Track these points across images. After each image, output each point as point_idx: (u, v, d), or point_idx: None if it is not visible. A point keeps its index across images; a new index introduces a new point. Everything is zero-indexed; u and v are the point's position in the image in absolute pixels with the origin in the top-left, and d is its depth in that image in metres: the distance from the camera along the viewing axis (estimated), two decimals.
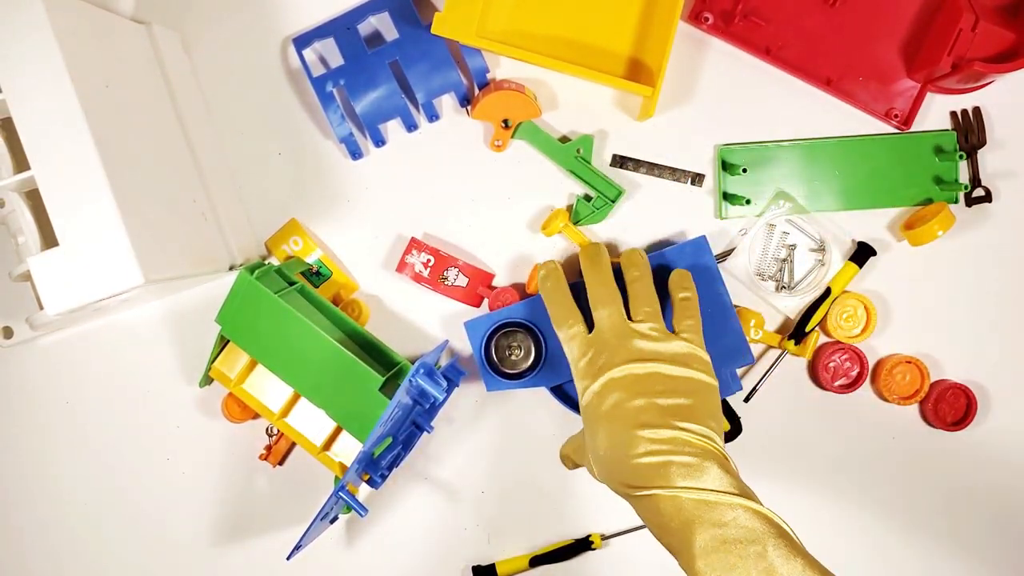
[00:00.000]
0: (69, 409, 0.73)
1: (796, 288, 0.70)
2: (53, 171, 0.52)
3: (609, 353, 0.54)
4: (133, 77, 0.61)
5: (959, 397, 0.69)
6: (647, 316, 0.56)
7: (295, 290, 0.67)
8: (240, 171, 0.72)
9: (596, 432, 0.52)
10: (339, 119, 0.68)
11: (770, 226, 0.70)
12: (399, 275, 0.70)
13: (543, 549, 0.72)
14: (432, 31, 0.62)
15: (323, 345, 0.62)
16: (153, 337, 0.73)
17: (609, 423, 0.52)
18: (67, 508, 0.74)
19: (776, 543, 0.44)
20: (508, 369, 0.66)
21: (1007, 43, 0.64)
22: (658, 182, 0.70)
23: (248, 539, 0.73)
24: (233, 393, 0.68)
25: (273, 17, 0.71)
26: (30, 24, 0.51)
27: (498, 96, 0.67)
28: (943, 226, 0.66)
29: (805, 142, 0.70)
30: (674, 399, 0.51)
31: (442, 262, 0.70)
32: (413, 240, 0.70)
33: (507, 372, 0.66)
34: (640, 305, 0.57)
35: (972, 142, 0.69)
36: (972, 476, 0.71)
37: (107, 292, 0.52)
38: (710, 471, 0.47)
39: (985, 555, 0.71)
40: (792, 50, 0.69)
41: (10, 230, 0.59)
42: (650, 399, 0.51)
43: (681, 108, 0.70)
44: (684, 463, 0.48)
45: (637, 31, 0.66)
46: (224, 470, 0.73)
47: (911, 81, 0.69)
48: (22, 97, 0.52)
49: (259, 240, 0.72)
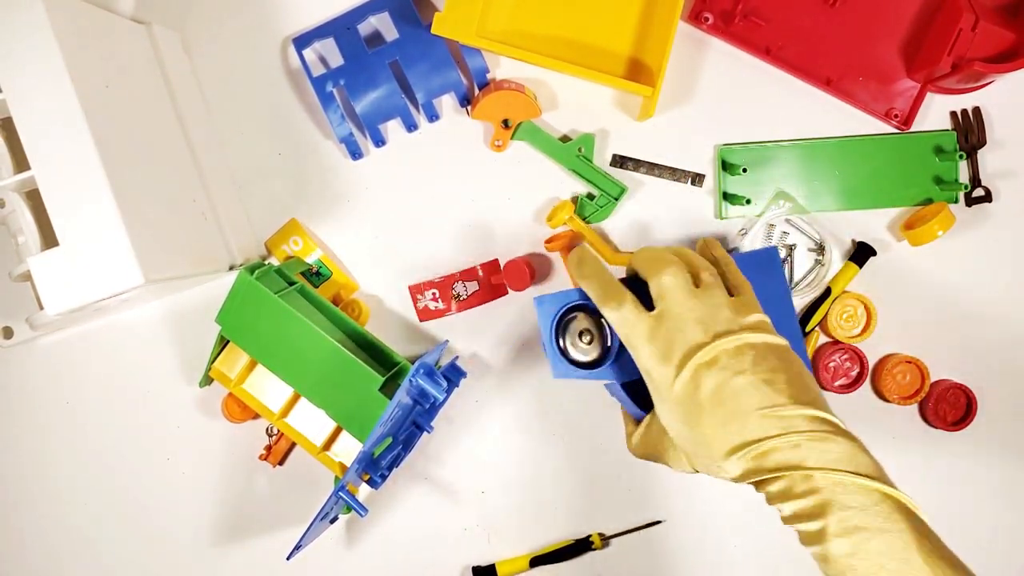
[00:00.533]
0: (69, 409, 0.73)
1: (796, 288, 0.70)
2: (53, 171, 0.52)
3: (686, 330, 0.46)
4: (133, 77, 0.61)
5: (959, 397, 0.69)
6: (710, 282, 0.48)
7: (295, 290, 0.67)
8: (240, 171, 0.72)
9: (699, 421, 0.46)
10: (339, 119, 0.68)
11: (770, 226, 0.70)
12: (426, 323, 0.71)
13: (543, 549, 0.71)
14: (432, 31, 0.62)
15: (323, 345, 0.62)
16: (153, 337, 0.73)
17: (715, 409, 0.45)
18: (67, 508, 0.74)
19: (915, 534, 0.41)
20: (579, 356, 0.54)
21: (1007, 43, 0.64)
22: (658, 182, 0.70)
23: (248, 539, 0.73)
24: (233, 393, 0.68)
25: (273, 17, 0.71)
26: (30, 24, 0.51)
27: (498, 96, 0.67)
28: (943, 226, 0.66)
29: (805, 142, 0.70)
30: (774, 373, 0.45)
31: (445, 285, 0.70)
32: (410, 288, 0.71)
33: (577, 360, 0.55)
34: (700, 270, 0.49)
35: (972, 142, 0.69)
36: (972, 476, 0.71)
37: (107, 292, 0.52)
38: (845, 449, 0.43)
39: (985, 555, 0.71)
40: (792, 50, 0.69)
41: (10, 230, 0.59)
42: (751, 376, 0.45)
43: (681, 108, 0.70)
44: (818, 439, 0.43)
45: (637, 31, 0.66)
46: (224, 470, 0.73)
47: (911, 81, 0.69)
48: (22, 97, 0.52)
49: (259, 240, 0.72)
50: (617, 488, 0.71)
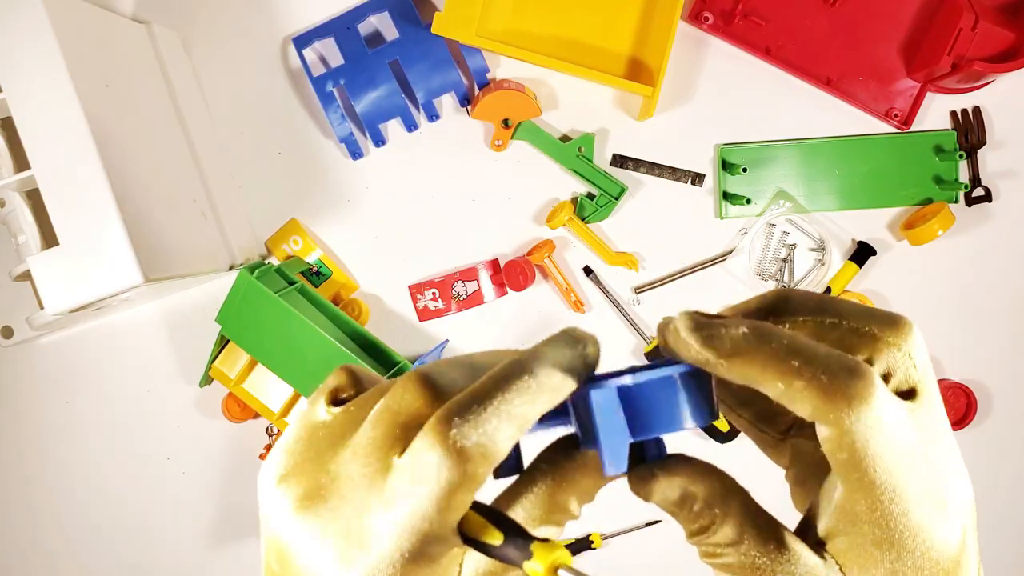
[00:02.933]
0: (69, 409, 0.73)
1: (796, 287, 0.70)
2: (53, 171, 0.52)
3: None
4: (133, 77, 0.61)
5: (959, 397, 0.69)
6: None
7: (295, 290, 0.67)
8: (240, 171, 0.72)
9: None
10: (339, 119, 0.68)
11: (770, 226, 0.70)
12: (425, 322, 0.71)
13: None
14: (432, 31, 0.62)
15: (323, 344, 0.62)
16: (153, 337, 0.72)
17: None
18: (67, 507, 0.74)
19: None
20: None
21: (1007, 43, 0.64)
22: (658, 182, 0.70)
23: (248, 539, 0.73)
24: (233, 393, 0.68)
25: (273, 17, 0.71)
26: (30, 24, 0.51)
27: (498, 96, 0.67)
28: (943, 226, 0.66)
29: (805, 142, 0.70)
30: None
31: (445, 285, 0.70)
32: (410, 288, 0.71)
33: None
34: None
35: (972, 142, 0.69)
36: (972, 476, 0.71)
37: (107, 292, 0.52)
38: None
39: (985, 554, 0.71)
40: (792, 50, 0.69)
41: (10, 230, 0.59)
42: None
43: (681, 108, 0.70)
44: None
45: (637, 31, 0.66)
46: (224, 470, 0.73)
47: (911, 81, 0.69)
48: (22, 97, 0.52)
49: (259, 240, 0.72)
50: (617, 488, 0.71)
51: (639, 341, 0.71)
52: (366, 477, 0.21)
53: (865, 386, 0.21)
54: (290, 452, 0.23)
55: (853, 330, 0.23)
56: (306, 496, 0.22)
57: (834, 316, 0.24)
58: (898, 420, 0.22)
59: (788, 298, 0.24)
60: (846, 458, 0.21)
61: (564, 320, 0.71)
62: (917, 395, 0.23)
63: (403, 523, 0.20)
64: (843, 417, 0.21)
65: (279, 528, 0.22)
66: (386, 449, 0.21)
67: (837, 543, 0.23)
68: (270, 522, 0.22)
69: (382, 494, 0.21)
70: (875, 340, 0.23)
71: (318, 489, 0.22)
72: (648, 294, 0.71)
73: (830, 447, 0.22)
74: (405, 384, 0.22)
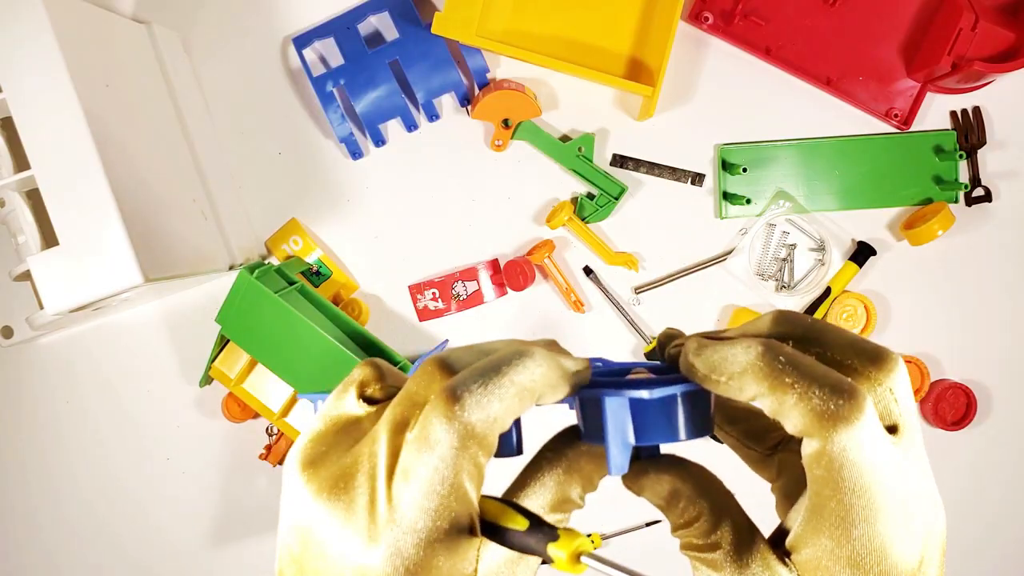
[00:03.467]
0: (69, 409, 0.73)
1: (796, 288, 0.70)
2: (53, 171, 0.52)
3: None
4: (133, 77, 0.61)
5: (959, 397, 0.69)
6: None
7: (295, 290, 0.67)
8: (240, 171, 0.72)
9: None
10: (339, 119, 0.68)
11: (770, 226, 0.70)
12: (425, 322, 0.71)
13: None
14: (432, 31, 0.62)
15: (323, 344, 0.62)
16: (153, 337, 0.73)
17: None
18: (67, 507, 0.74)
19: None
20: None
21: (1007, 43, 0.64)
22: (658, 182, 0.70)
23: (248, 539, 0.73)
24: (233, 393, 0.68)
25: (273, 17, 0.71)
26: (30, 24, 0.51)
27: (498, 96, 0.67)
28: (943, 226, 0.66)
29: (805, 142, 0.70)
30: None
31: (445, 285, 0.70)
32: (410, 288, 0.71)
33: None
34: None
35: (972, 142, 0.69)
36: (972, 476, 0.71)
37: (107, 292, 0.52)
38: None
39: (985, 554, 0.71)
40: (792, 50, 0.69)
41: (10, 230, 0.59)
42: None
43: (681, 108, 0.70)
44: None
45: (637, 31, 0.66)
46: (224, 470, 0.73)
47: (911, 81, 0.69)
48: (22, 97, 0.52)
49: (259, 240, 0.72)
50: (617, 488, 0.71)
51: (639, 341, 0.71)
52: (386, 456, 0.22)
53: (854, 408, 0.22)
54: (317, 441, 0.24)
55: (836, 362, 0.24)
56: (331, 480, 0.23)
57: (819, 346, 0.24)
58: (880, 447, 0.22)
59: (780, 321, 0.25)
60: (822, 474, 0.22)
61: (564, 320, 0.71)
62: (898, 431, 0.23)
63: (422, 491, 0.21)
64: (827, 435, 0.22)
65: (303, 511, 0.23)
66: (403, 428, 0.22)
67: (802, 554, 0.23)
68: (294, 506, 0.23)
69: (400, 470, 0.22)
70: (857, 376, 0.23)
71: (343, 474, 0.23)
72: (648, 294, 0.71)
73: (809, 462, 0.22)
74: (424, 368, 0.23)
